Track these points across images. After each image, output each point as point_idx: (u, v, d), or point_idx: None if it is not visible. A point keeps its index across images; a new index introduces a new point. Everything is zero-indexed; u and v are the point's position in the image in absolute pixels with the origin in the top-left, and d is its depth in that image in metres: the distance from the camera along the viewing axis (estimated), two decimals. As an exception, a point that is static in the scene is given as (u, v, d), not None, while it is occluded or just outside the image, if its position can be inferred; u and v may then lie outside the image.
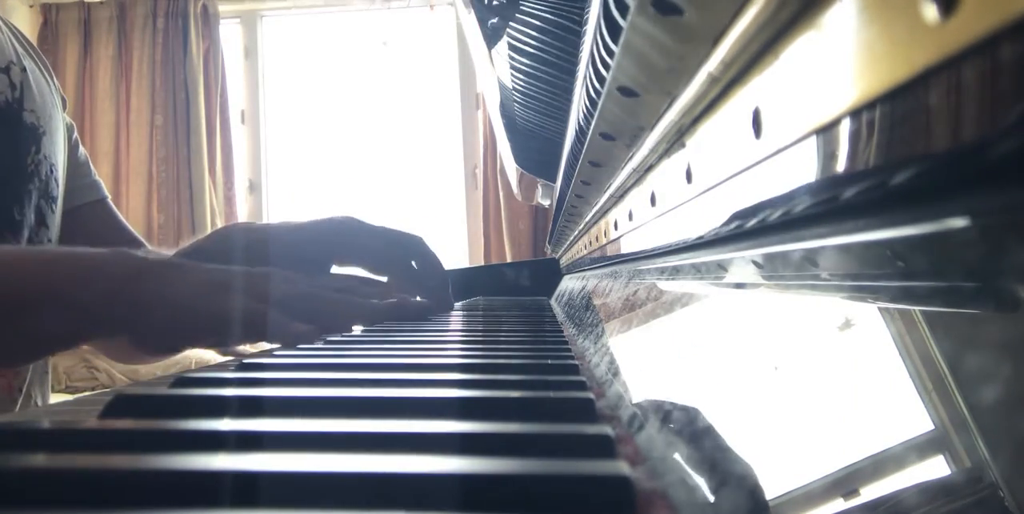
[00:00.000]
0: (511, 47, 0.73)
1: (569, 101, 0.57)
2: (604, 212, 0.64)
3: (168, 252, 0.64)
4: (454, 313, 0.72)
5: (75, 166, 0.80)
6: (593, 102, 0.40)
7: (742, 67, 0.22)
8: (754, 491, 0.16)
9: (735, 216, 0.25)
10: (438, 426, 0.20)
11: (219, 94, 3.18)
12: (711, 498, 0.16)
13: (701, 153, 0.29)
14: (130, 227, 0.87)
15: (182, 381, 0.29)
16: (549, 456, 0.17)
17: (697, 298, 0.31)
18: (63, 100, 0.81)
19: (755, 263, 0.24)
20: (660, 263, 0.41)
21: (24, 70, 0.71)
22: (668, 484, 0.18)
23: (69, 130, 0.80)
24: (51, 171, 0.72)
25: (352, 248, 0.67)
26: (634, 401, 0.27)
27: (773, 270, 0.23)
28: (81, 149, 0.83)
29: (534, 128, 1.00)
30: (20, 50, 0.73)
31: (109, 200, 0.85)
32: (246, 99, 3.31)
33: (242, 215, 3.25)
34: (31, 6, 3.24)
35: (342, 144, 3.31)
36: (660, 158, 0.37)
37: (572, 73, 0.55)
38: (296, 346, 0.48)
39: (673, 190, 0.34)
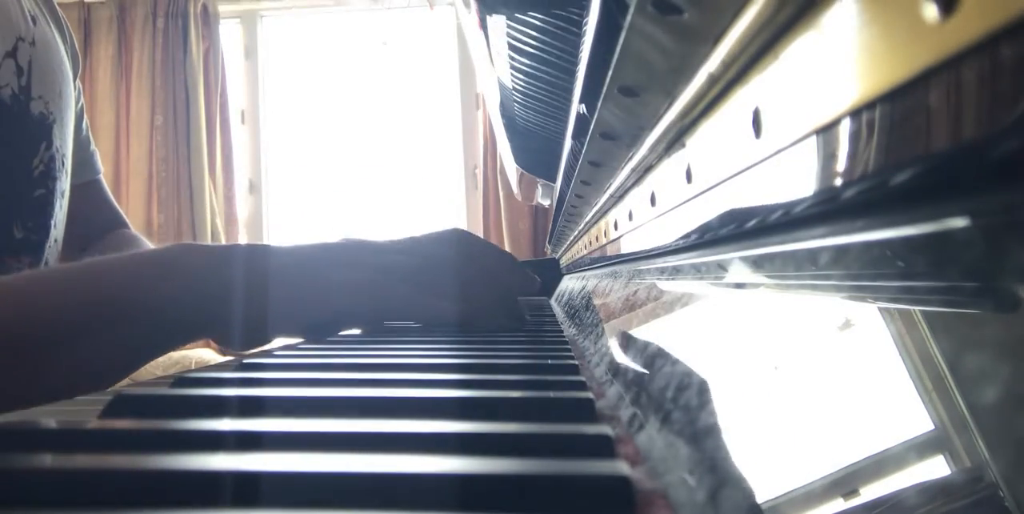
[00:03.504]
0: (511, 47, 0.73)
1: (569, 101, 0.57)
2: (604, 212, 0.64)
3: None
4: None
5: (77, 140, 0.73)
6: (593, 102, 0.40)
7: (742, 67, 0.22)
8: (748, 495, 0.16)
9: (735, 216, 0.25)
10: (438, 426, 0.20)
11: (219, 94, 3.17)
12: (710, 498, 0.16)
13: (701, 153, 0.29)
14: (118, 208, 0.81)
15: (182, 381, 0.29)
16: (549, 456, 0.17)
17: (697, 298, 0.31)
18: (75, 57, 0.74)
19: (755, 263, 0.24)
20: (660, 263, 0.41)
21: (33, 43, 0.64)
22: (668, 484, 0.18)
23: (76, 98, 0.73)
24: (62, 164, 0.67)
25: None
26: (634, 401, 0.27)
27: (773, 270, 0.23)
28: (84, 119, 0.77)
29: (534, 128, 1.00)
30: (31, 8, 0.66)
31: (102, 177, 0.80)
32: (246, 99, 3.30)
33: (242, 215, 3.25)
34: (31, 6, 3.24)
35: (342, 144, 3.31)
36: (660, 158, 0.37)
37: (572, 73, 0.55)
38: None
39: (673, 190, 0.34)
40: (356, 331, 0.55)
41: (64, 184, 0.68)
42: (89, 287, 0.43)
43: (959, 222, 0.13)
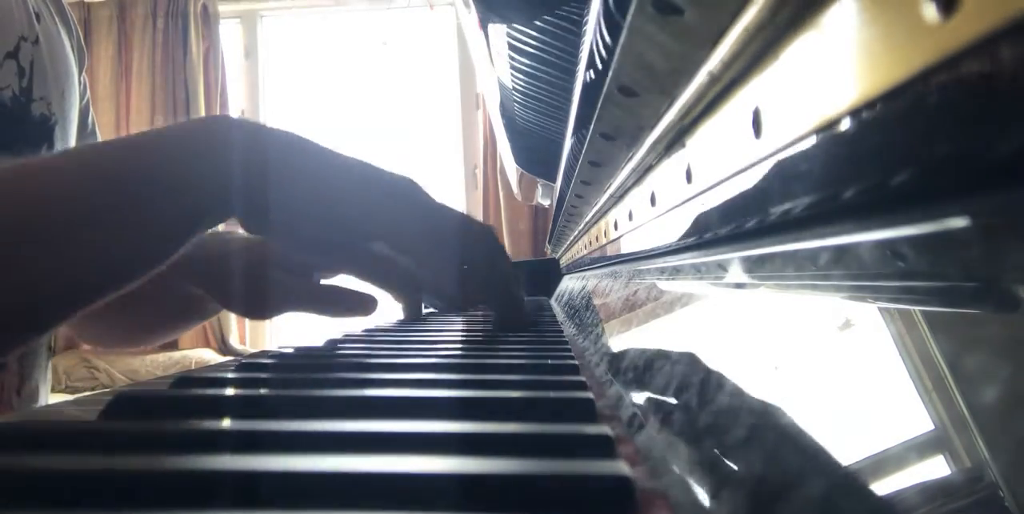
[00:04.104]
0: (511, 47, 0.73)
1: (569, 101, 0.57)
2: (604, 212, 0.64)
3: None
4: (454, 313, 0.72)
5: (83, 135, 0.71)
6: (593, 102, 0.40)
7: (742, 67, 0.22)
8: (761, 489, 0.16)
9: (735, 216, 0.25)
10: (439, 426, 0.20)
11: (219, 94, 3.17)
12: (712, 498, 0.16)
13: (701, 153, 0.29)
14: None
15: (182, 381, 0.29)
16: (549, 456, 0.17)
17: (697, 298, 0.31)
18: (80, 50, 0.72)
19: (755, 263, 0.24)
20: (660, 263, 0.41)
21: (36, 41, 0.62)
22: (668, 484, 0.18)
23: (82, 93, 0.71)
24: None
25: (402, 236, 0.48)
26: (634, 401, 0.27)
27: (773, 270, 0.23)
28: (91, 113, 0.74)
29: (534, 128, 1.00)
30: (35, 4, 0.64)
31: None
32: (246, 99, 3.30)
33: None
34: (31, 6, 3.24)
35: (342, 144, 3.30)
36: (660, 158, 0.37)
37: (572, 73, 0.55)
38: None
39: (673, 190, 0.34)
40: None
41: None
42: (111, 165, 0.39)
43: (959, 222, 0.13)
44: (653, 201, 0.40)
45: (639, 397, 0.26)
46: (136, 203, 0.38)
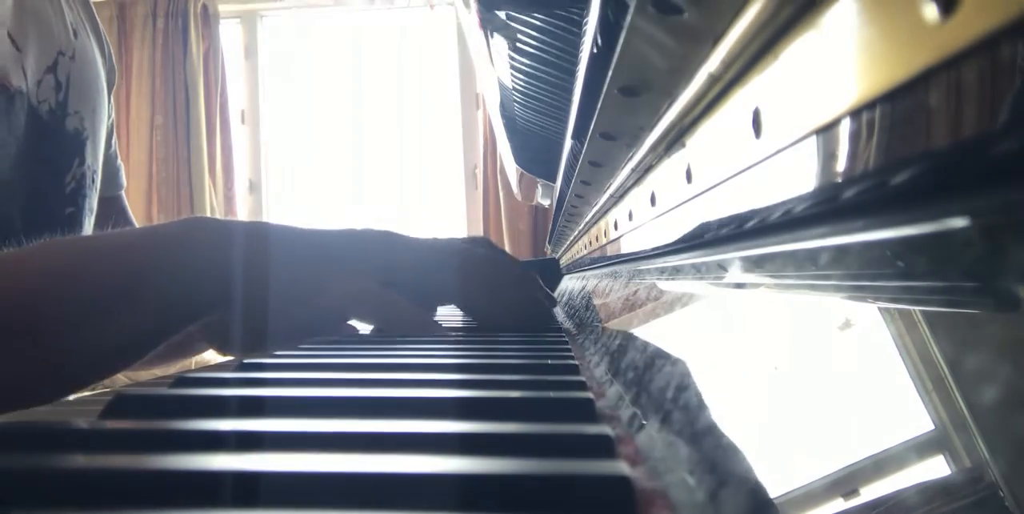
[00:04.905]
0: (511, 47, 0.73)
1: (569, 101, 0.57)
2: (604, 212, 0.64)
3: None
4: (454, 314, 0.72)
5: (105, 155, 0.72)
6: (593, 102, 0.40)
7: (742, 67, 0.22)
8: (755, 490, 0.16)
9: (735, 216, 0.25)
10: (438, 426, 0.20)
11: (219, 94, 3.17)
12: (711, 498, 0.16)
13: (701, 153, 0.29)
14: (136, 225, 0.82)
15: (182, 381, 0.29)
16: (549, 456, 0.17)
17: (697, 298, 0.31)
18: (111, 70, 0.73)
19: (755, 263, 0.24)
20: (660, 263, 0.41)
21: (73, 56, 0.63)
22: (668, 484, 0.18)
23: (109, 112, 0.72)
24: (92, 181, 0.66)
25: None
26: (634, 401, 0.27)
27: (773, 270, 0.23)
28: (113, 134, 0.76)
29: (534, 128, 1.00)
30: (73, 20, 0.65)
31: (124, 192, 0.79)
32: (246, 99, 3.30)
33: (242, 215, 3.25)
34: (31, 6, 3.23)
35: (342, 144, 3.31)
36: (660, 158, 0.37)
37: (572, 73, 0.55)
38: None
39: (673, 190, 0.34)
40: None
41: (93, 201, 0.67)
42: (103, 265, 0.42)
43: (959, 222, 0.13)
44: (653, 201, 0.40)
45: (639, 397, 0.26)
46: (124, 305, 0.40)
